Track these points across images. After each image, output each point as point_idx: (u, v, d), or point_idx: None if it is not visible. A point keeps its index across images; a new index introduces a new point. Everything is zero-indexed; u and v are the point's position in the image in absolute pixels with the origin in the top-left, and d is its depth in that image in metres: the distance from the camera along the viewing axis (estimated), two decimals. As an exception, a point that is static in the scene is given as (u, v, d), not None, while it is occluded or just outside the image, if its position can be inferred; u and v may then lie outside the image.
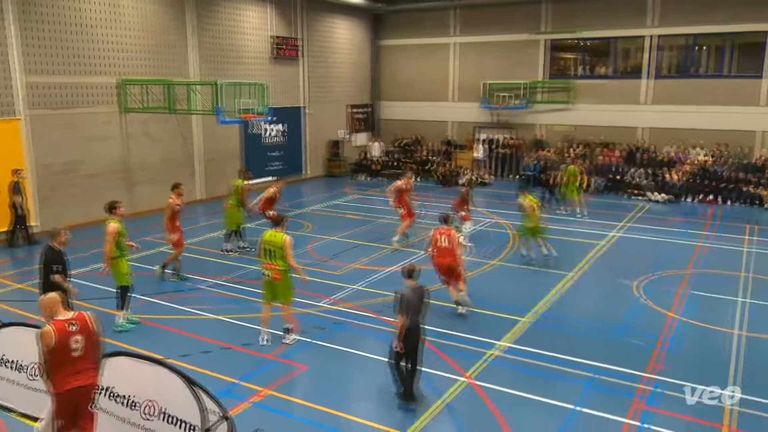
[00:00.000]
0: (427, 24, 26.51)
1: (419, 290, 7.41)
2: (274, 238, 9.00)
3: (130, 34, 17.51)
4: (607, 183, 21.88)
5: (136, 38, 17.71)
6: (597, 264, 13.40)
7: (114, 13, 17.02)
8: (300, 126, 24.35)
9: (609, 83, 23.70)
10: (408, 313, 7.15)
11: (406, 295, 7.25)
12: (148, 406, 6.20)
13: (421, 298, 7.38)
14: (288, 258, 8.90)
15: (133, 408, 6.29)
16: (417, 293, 7.34)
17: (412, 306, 7.18)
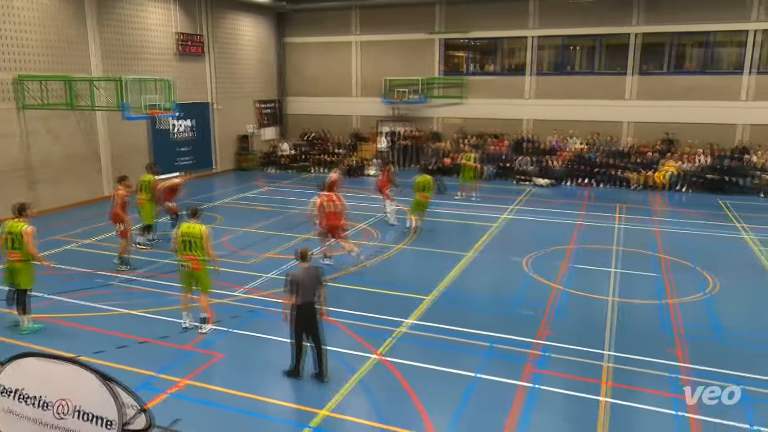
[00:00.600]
0: (330, 23, 26.33)
1: (311, 271, 7.53)
2: (193, 229, 8.84)
3: (26, 29, 16.13)
4: (497, 170, 22.77)
5: (34, 33, 16.34)
6: (490, 244, 13.94)
7: (8, 7, 15.61)
8: (208, 121, 23.52)
9: (497, 79, 24.61)
10: (298, 292, 7.32)
11: (297, 275, 7.40)
12: (60, 405, 5.82)
13: (313, 278, 7.46)
14: (207, 248, 8.81)
15: (45, 408, 5.88)
16: (309, 274, 7.46)
17: (303, 286, 7.34)
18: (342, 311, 9.70)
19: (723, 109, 21.41)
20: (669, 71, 22.40)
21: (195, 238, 8.80)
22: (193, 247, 8.80)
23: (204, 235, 8.82)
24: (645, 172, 20.85)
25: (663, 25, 21.83)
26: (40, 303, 9.99)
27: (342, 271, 11.72)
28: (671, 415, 6.85)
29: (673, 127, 21.90)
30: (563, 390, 7.42)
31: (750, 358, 8.26)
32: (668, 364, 8.02)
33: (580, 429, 6.66)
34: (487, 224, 15.63)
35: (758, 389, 7.39)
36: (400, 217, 15.75)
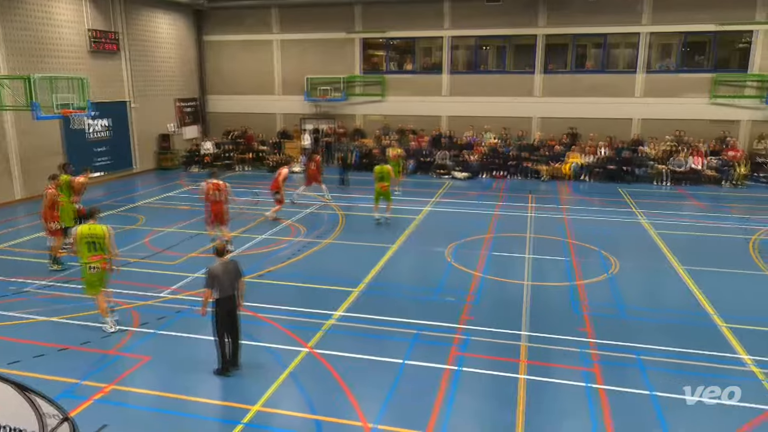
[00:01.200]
0: (249, 21, 25.71)
1: (230, 265, 7.45)
2: (95, 230, 8.56)
3: None
4: (418, 165, 23.11)
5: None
6: (413, 235, 14.15)
7: None
8: (126, 120, 22.38)
9: (415, 78, 24.94)
10: (216, 286, 7.27)
11: (215, 269, 7.31)
12: (-26, 421, 5.39)
13: (232, 272, 7.40)
14: (112, 247, 8.66)
15: (-44, 425, 5.43)
16: (227, 268, 7.39)
17: (220, 279, 7.27)
18: (272, 307, 9.55)
19: (620, 105, 22.78)
20: (572, 70, 23.54)
21: (98, 238, 8.55)
22: (98, 248, 8.57)
23: (108, 235, 8.61)
24: (553, 164, 21.83)
25: (565, 27, 22.89)
26: (-54, 314, 9.21)
27: (271, 267, 11.53)
28: (582, 387, 7.24)
29: (577, 122, 23.07)
30: (485, 370, 7.67)
31: (648, 331, 8.86)
32: (579, 341, 8.46)
33: (502, 405, 6.91)
34: (410, 217, 15.84)
35: (657, 359, 7.94)
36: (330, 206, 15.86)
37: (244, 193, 19.16)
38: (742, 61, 21.95)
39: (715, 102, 21.99)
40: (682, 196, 19.03)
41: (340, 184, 19.94)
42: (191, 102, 26.40)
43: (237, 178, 22.13)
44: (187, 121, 26.03)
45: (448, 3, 23.67)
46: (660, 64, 22.93)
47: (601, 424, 6.50)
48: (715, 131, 21.87)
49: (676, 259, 12.14)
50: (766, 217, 15.76)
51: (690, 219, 15.93)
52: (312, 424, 6.56)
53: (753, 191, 19.64)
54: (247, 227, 14.66)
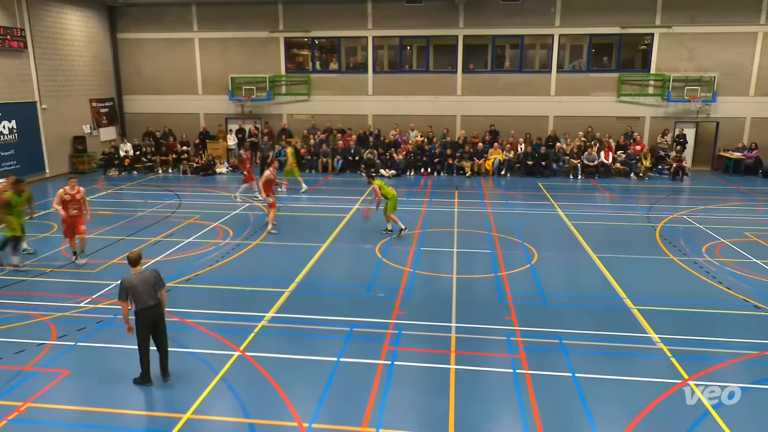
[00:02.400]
0: (168, 19, 24.70)
1: (146, 275, 7.12)
2: None
3: None
4: (346, 164, 23.07)
5: None
6: (343, 234, 14.11)
7: None
8: (35, 122, 20.93)
9: (340, 77, 24.87)
10: (132, 297, 6.97)
11: (128, 280, 6.98)
12: None
13: (150, 282, 7.08)
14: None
15: None
16: (144, 278, 7.07)
17: (137, 291, 6.95)
18: (200, 312, 9.25)
19: (536, 103, 23.74)
20: (491, 70, 24.26)
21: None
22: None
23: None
24: (476, 161, 22.43)
25: (483, 29, 23.56)
26: None
27: (199, 271, 11.15)
28: (510, 373, 7.49)
29: (497, 120, 23.81)
30: (417, 363, 7.77)
31: (569, 316, 9.30)
32: (505, 329, 8.75)
33: (434, 396, 7.03)
34: (339, 215, 15.79)
35: (576, 342, 8.34)
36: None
37: (167, 196, 18.44)
38: (644, 61, 23.43)
39: (621, 100, 23.35)
40: (594, 189, 20.08)
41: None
42: (107, 102, 25.07)
43: (160, 181, 21.28)
44: (103, 122, 24.71)
45: (371, 3, 23.76)
46: (571, 64, 24.07)
47: (528, 407, 6.75)
48: (622, 127, 23.23)
49: (591, 248, 12.80)
50: (668, 206, 16.93)
51: (602, 210, 16.84)
52: (245, 428, 6.41)
53: (656, 182, 21.04)
54: (172, 230, 14.10)
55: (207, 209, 16.15)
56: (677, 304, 9.71)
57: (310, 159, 22.89)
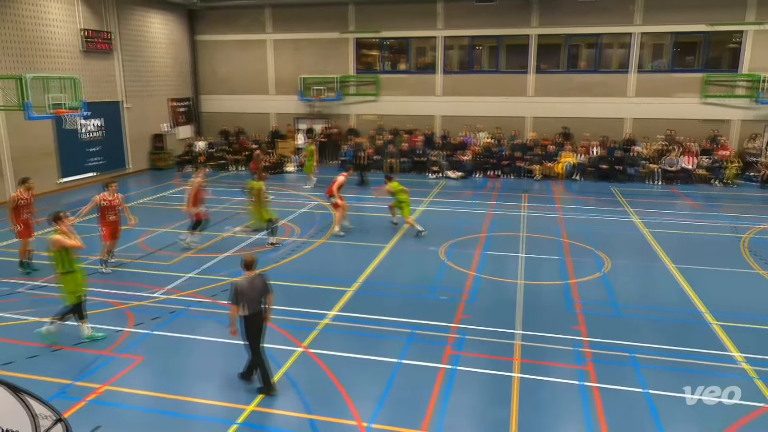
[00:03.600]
0: (243, 21, 25.62)
1: (256, 279, 7.02)
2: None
3: None
4: (412, 164, 23.10)
5: None
6: (407, 235, 14.13)
7: None
8: (119, 120, 22.25)
9: (408, 77, 24.93)
10: (241, 302, 6.84)
11: (240, 284, 6.89)
12: (-33, 422, 5.34)
13: (260, 287, 6.99)
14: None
15: (-51, 427, 5.38)
16: (253, 283, 6.96)
17: (247, 295, 6.85)
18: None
19: (612, 104, 22.87)
20: (564, 70, 23.60)
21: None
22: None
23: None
24: (546, 164, 21.88)
25: (558, 27, 22.95)
26: (-62, 316, 9.14)
27: (266, 267, 11.48)
28: (576, 386, 7.26)
29: (569, 122, 23.13)
30: (480, 369, 7.67)
31: (642, 329, 8.89)
32: (572, 339, 8.48)
33: (496, 404, 6.91)
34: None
35: (649, 356, 7.97)
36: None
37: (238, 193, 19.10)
38: (732, 61, 22.07)
39: (705, 102, 22.10)
40: (673, 195, 19.12)
41: (359, 184, 19.82)
42: (185, 102, 26.29)
43: (231, 178, 22.07)
44: (180, 121, 25.92)
45: (441, 3, 23.68)
46: (652, 63, 23.03)
47: (595, 422, 6.51)
48: (706, 130, 21.98)
49: (668, 258, 12.19)
50: (756, 216, 15.86)
51: (682, 218, 16.00)
52: (307, 423, 6.54)
53: (744, 190, 19.76)
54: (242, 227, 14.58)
55: (275, 207, 16.59)
56: (764, 322, 9.09)
57: (377, 159, 23.05)
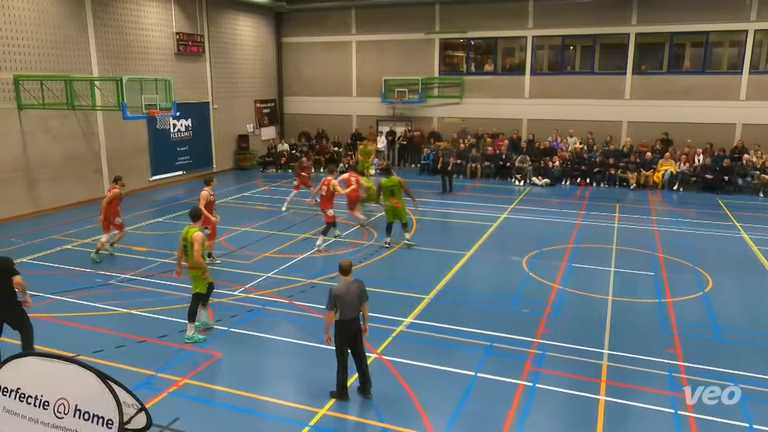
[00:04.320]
0: (328, 23, 26.31)
1: (353, 285, 7.01)
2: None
3: (24, 29, 16.07)
4: (497, 170, 22.77)
5: (32, 33, 16.27)
6: (488, 243, 13.93)
7: (6, 7, 15.54)
8: (207, 121, 23.49)
9: (495, 79, 24.60)
10: (338, 308, 6.86)
11: (337, 289, 6.89)
12: (60, 405, 5.81)
13: (356, 293, 6.98)
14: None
15: (44, 408, 5.88)
16: (350, 288, 6.96)
17: (344, 301, 6.87)
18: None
19: (721, 108, 21.41)
20: (667, 71, 22.41)
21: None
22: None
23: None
24: (643, 172, 20.85)
25: (660, 25, 21.84)
26: (40, 303, 9.99)
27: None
28: (670, 414, 6.85)
29: (671, 127, 21.89)
30: (562, 389, 7.42)
31: (748, 356, 8.27)
32: (667, 363, 8.02)
33: (579, 427, 6.66)
34: (486, 224, 15.61)
35: (757, 388, 7.39)
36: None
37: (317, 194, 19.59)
38: None
39: (833, 106, 20.25)
40: (791, 210, 17.65)
41: (443, 191, 19.67)
42: (270, 103, 27.35)
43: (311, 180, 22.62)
44: (265, 122, 26.98)
45: (532, 2, 23.20)
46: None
47: (690, 456, 6.12)
48: (833, 138, 20.14)
49: (783, 279, 11.26)
50: None
51: (800, 235, 14.74)
52: (378, 431, 6.59)
53: None
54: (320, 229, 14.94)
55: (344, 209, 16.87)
56: None
57: (459, 164, 22.90)
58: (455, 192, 19.77)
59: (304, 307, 9.91)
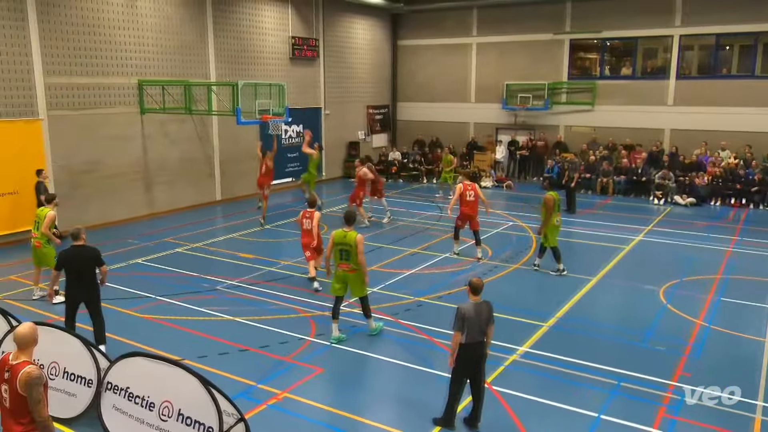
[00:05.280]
0: (447, 24, 26.46)
1: (482, 306, 6.94)
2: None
3: (148, 35, 17.66)
4: (630, 185, 21.63)
5: (155, 39, 17.86)
6: (619, 268, 13.24)
7: (132, 14, 17.18)
8: (318, 127, 24.42)
9: (633, 84, 23.45)
10: (465, 329, 6.79)
11: (466, 309, 6.80)
12: (165, 407, 6.25)
13: (484, 315, 6.91)
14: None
15: (150, 409, 6.35)
16: (479, 309, 6.88)
17: (472, 323, 6.79)
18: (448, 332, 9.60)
19: None
20: None
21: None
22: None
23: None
24: (815, 193, 18.88)
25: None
26: (148, 304, 10.86)
27: (450, 290, 11.63)
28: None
29: None
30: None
31: None
32: (840, 424, 7.15)
33: (724, 490, 6.10)
34: (617, 246, 14.86)
35: None
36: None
37: (429, 207, 19.71)
38: None
39: None
40: None
41: (567, 208, 18.44)
42: (382, 109, 27.95)
43: (423, 191, 22.82)
44: (376, 129, 27.58)
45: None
46: None
47: None
48: None
49: None
50: None
51: None
52: (485, 469, 6.44)
53: None
54: (430, 243, 14.98)
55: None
56: None
57: (588, 178, 22.02)
58: (579, 210, 18.97)
59: (410, 326, 9.95)
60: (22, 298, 11.15)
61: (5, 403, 4.83)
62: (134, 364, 6.70)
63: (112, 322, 9.31)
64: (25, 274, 12.29)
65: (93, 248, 8.75)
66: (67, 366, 7.08)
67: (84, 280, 8.63)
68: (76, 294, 8.69)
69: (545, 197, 12.69)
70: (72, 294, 8.73)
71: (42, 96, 15.23)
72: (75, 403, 6.96)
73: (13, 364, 4.79)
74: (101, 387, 6.80)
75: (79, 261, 8.56)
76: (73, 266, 8.59)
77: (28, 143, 14.92)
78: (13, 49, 14.60)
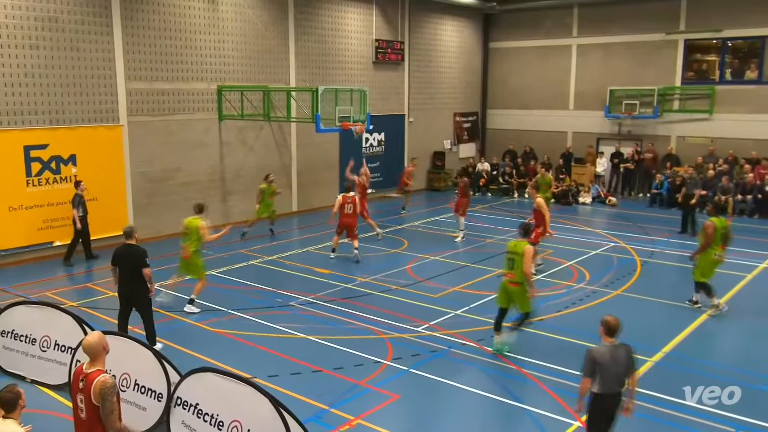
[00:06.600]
0: (545, 24, 26.08)
1: (620, 350, 6.34)
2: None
3: (229, 38, 18.42)
4: (755, 204, 20.44)
5: (235, 43, 18.61)
6: (740, 299, 12.50)
7: (214, 18, 18.00)
8: (400, 135, 24.58)
9: (758, 89, 22.21)
10: (598, 377, 6.24)
11: (599, 354, 6.25)
12: (234, 427, 6.43)
13: (623, 361, 6.32)
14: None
15: (219, 428, 6.55)
16: (615, 354, 6.28)
17: (607, 370, 6.22)
18: (541, 364, 9.40)
19: None
20: None
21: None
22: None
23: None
24: None
25: None
26: (222, 318, 11.24)
27: (542, 316, 11.36)
28: None
29: None
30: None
31: None
32: None
33: None
34: (737, 273, 14.04)
35: None
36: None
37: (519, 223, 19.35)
38: None
39: None
40: None
41: (682, 231, 18.05)
42: (470, 117, 27.83)
43: (514, 206, 22.47)
44: (464, 138, 27.46)
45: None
46: None
47: None
48: None
49: None
50: None
51: None
52: None
53: None
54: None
55: (562, 244, 16.35)
56: None
57: (705, 195, 20.97)
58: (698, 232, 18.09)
59: (497, 355, 9.79)
60: (100, 307, 11.83)
61: (81, 414, 5.13)
62: (205, 379, 6.94)
63: (183, 335, 9.72)
64: (99, 282, 13.04)
65: (141, 248, 9.37)
66: (138, 378, 7.44)
67: (132, 279, 9.29)
68: (124, 292, 9.43)
69: (705, 224, 11.62)
70: (120, 291, 9.48)
71: (123, 101, 16.15)
72: (145, 418, 7.28)
73: (87, 373, 5.09)
74: (171, 402, 7.08)
75: (128, 259, 9.31)
76: (122, 264, 9.36)
77: (110, 149, 15.85)
78: (99, 54, 15.59)
